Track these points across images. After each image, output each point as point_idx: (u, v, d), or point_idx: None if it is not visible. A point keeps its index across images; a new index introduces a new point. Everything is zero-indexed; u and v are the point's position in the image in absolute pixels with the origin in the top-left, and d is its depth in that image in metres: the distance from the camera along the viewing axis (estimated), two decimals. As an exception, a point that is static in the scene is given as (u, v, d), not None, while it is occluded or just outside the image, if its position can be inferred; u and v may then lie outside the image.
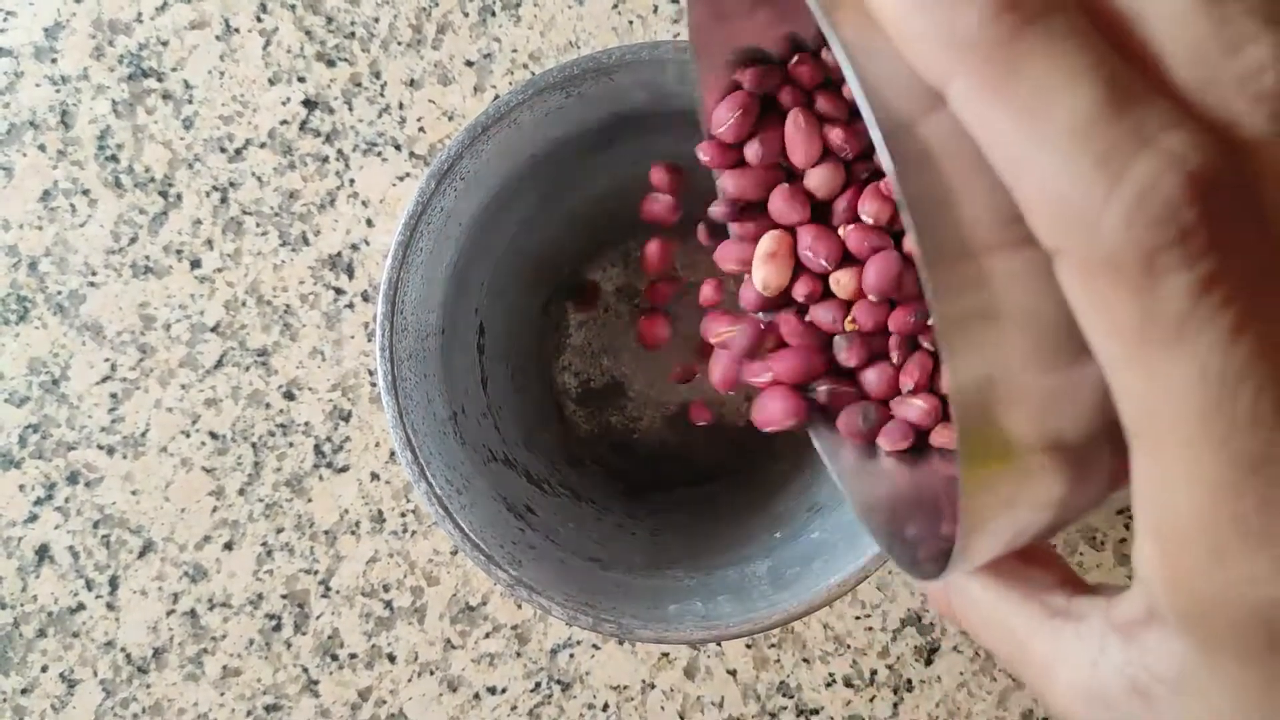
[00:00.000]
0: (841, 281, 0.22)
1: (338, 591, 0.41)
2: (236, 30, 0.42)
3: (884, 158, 0.12)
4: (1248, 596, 0.11)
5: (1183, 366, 0.11)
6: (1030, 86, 0.11)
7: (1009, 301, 0.12)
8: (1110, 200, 0.11)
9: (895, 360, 0.22)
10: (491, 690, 0.41)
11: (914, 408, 0.21)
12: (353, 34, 0.42)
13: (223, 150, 0.42)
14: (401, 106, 0.42)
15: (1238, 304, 0.11)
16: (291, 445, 0.42)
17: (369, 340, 0.42)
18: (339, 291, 0.42)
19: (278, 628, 0.41)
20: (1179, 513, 0.12)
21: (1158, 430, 0.11)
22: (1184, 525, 0.12)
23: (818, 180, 0.22)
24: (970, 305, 0.12)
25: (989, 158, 0.12)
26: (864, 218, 0.21)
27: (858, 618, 0.41)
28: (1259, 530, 0.11)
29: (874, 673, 0.41)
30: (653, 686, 0.41)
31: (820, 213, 0.23)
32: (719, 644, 0.41)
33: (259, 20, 0.42)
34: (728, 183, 0.23)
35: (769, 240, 0.23)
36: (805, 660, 0.41)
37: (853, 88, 0.13)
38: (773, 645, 0.41)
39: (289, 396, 0.42)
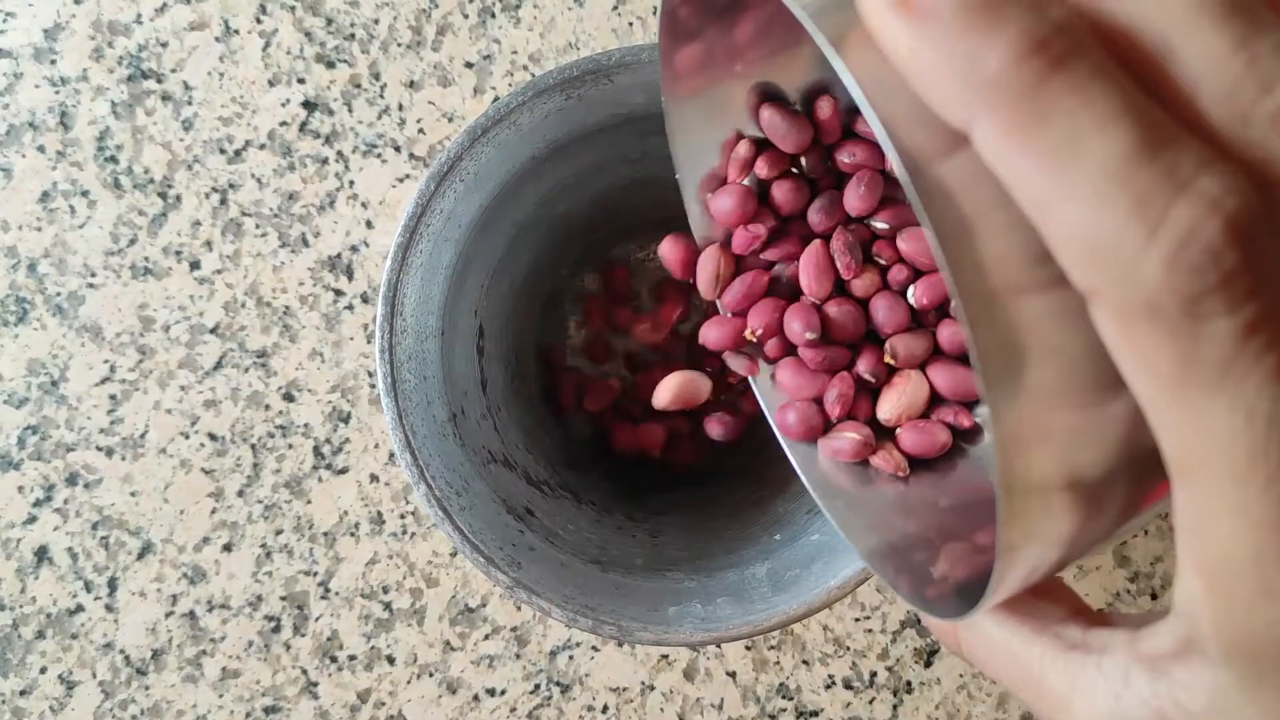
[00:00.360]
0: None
1: (337, 593, 0.41)
2: (236, 32, 0.42)
3: (912, 197, 0.12)
4: None
5: (1228, 409, 0.11)
6: (1060, 131, 0.11)
7: (1043, 341, 0.12)
8: (1150, 245, 0.11)
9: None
10: (491, 692, 0.41)
11: (845, 439, 0.22)
12: (352, 35, 0.42)
13: (222, 152, 0.42)
14: (401, 108, 0.42)
15: None
16: (291, 447, 0.42)
17: (368, 342, 0.42)
18: (338, 293, 0.42)
19: (277, 629, 0.41)
20: (1228, 550, 0.12)
21: (1205, 469, 0.11)
22: (1233, 562, 0.12)
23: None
24: (1007, 343, 0.12)
25: (1016, 200, 0.12)
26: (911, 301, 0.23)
27: (857, 620, 0.41)
28: None
29: (874, 675, 0.41)
30: (652, 688, 0.41)
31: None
32: (718, 646, 0.41)
33: (258, 22, 0.42)
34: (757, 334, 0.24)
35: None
36: (805, 662, 0.41)
37: (874, 129, 0.12)
38: (772, 647, 0.41)
39: (288, 398, 0.42)
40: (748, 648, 0.41)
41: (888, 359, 0.23)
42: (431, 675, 0.41)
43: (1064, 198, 0.11)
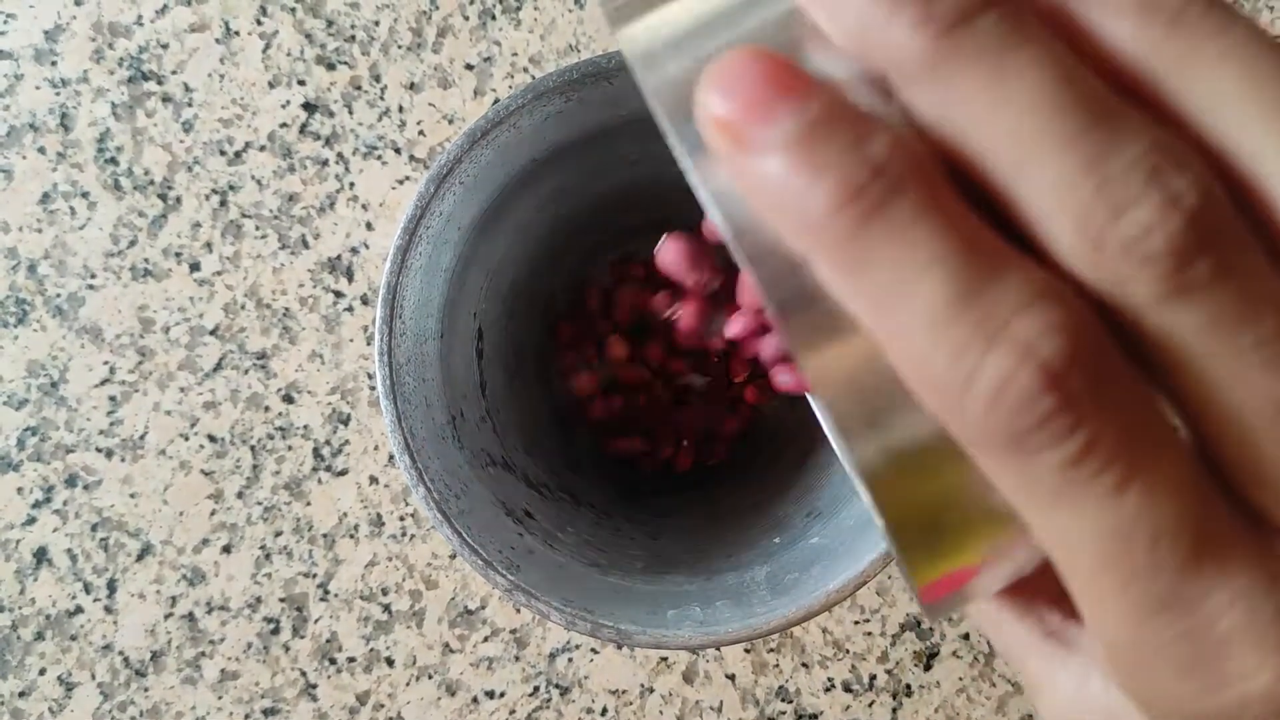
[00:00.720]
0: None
1: (336, 595, 0.41)
2: (236, 33, 0.42)
3: (766, 304, 0.12)
4: (1185, 711, 0.12)
5: (1072, 527, 0.11)
6: (881, 279, 0.11)
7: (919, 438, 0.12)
8: (968, 393, 0.11)
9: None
10: (490, 694, 0.41)
11: None
12: (353, 37, 0.42)
13: (222, 153, 0.42)
14: (401, 110, 0.42)
15: (1117, 465, 0.11)
16: (290, 448, 0.42)
17: (368, 343, 0.42)
18: (338, 295, 0.42)
19: (276, 631, 0.41)
20: (1110, 638, 0.12)
21: (1071, 570, 0.12)
22: (1117, 649, 0.12)
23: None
24: (875, 445, 0.12)
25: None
26: None
27: (857, 623, 0.41)
28: (1184, 658, 0.11)
29: (873, 678, 0.41)
30: (651, 691, 0.41)
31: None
32: (718, 649, 0.41)
33: (259, 23, 0.42)
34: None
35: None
36: (804, 665, 0.41)
37: (724, 236, 0.12)
38: (772, 650, 0.41)
39: (288, 400, 0.42)
40: (747, 650, 0.41)
41: None
42: (430, 677, 0.41)
43: (891, 341, 0.11)
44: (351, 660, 0.41)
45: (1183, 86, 0.12)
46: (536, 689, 0.41)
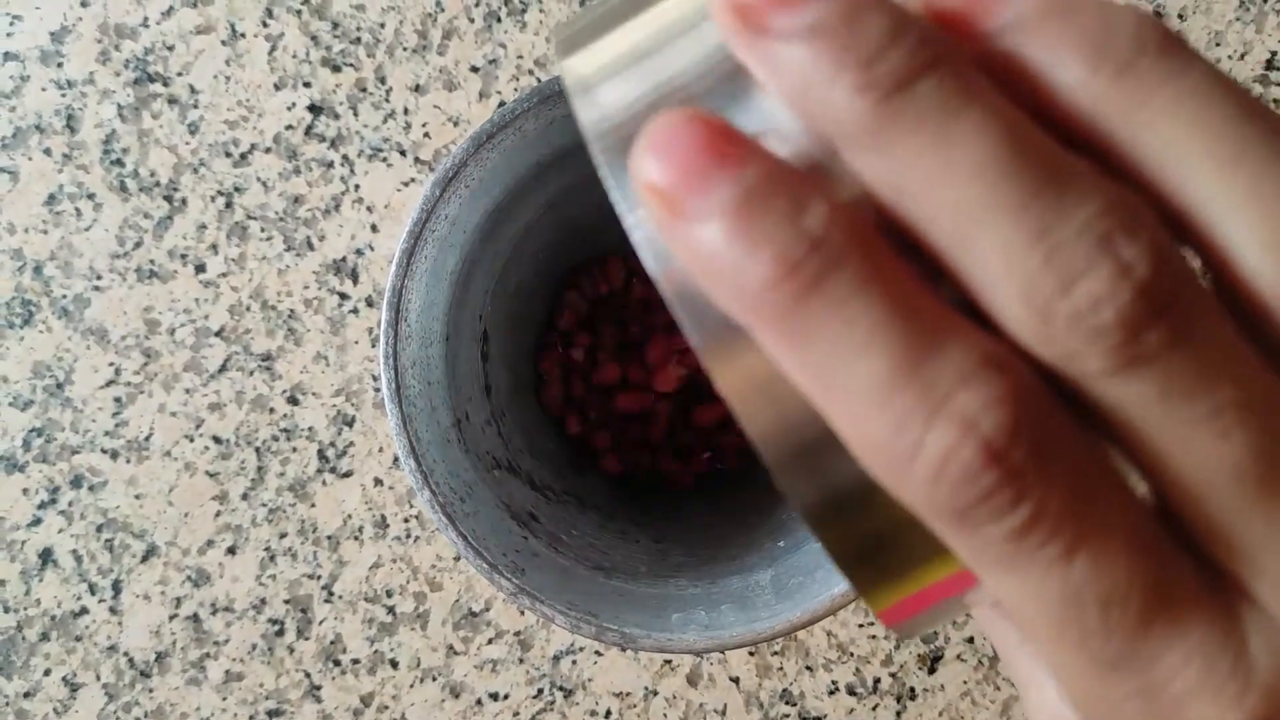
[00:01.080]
0: None
1: (340, 597, 0.41)
2: (242, 35, 0.42)
3: (693, 345, 0.12)
4: None
5: (1022, 590, 0.11)
6: (820, 354, 0.11)
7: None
8: (909, 470, 0.11)
9: None
10: (494, 696, 0.41)
11: None
12: (358, 39, 0.42)
13: (228, 155, 0.42)
14: (407, 112, 0.42)
15: (1063, 534, 0.11)
16: (295, 450, 0.42)
17: (373, 345, 0.42)
18: (343, 297, 0.42)
19: (280, 633, 0.41)
20: (1071, 689, 0.12)
21: (1025, 627, 0.12)
22: (1080, 699, 0.12)
23: None
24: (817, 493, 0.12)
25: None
26: None
27: (861, 625, 0.41)
28: (1142, 713, 0.12)
29: (877, 681, 0.41)
30: (655, 693, 0.41)
31: None
32: (722, 652, 0.41)
33: (265, 25, 0.42)
34: None
35: None
36: (808, 668, 0.41)
37: (653, 278, 0.12)
38: (776, 653, 0.41)
39: (293, 401, 0.42)
40: (751, 653, 0.41)
41: None
42: (435, 679, 0.41)
43: (832, 410, 0.11)
44: (356, 662, 0.41)
45: (1135, 136, 0.11)
46: (540, 691, 0.41)
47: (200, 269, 0.42)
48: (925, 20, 0.11)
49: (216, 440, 0.42)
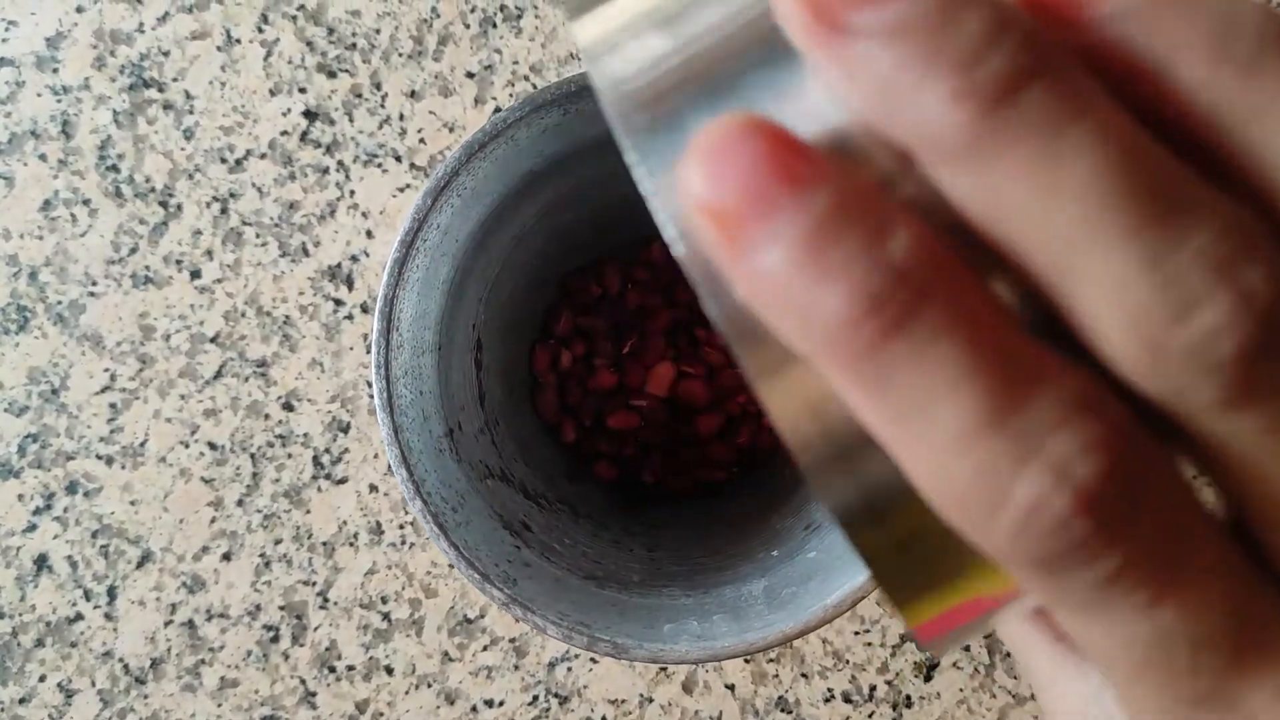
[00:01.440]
0: None
1: (335, 603, 0.41)
2: (238, 41, 0.42)
3: (721, 334, 0.11)
4: None
5: (1106, 632, 0.11)
6: (900, 399, 0.10)
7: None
8: (994, 520, 0.10)
9: None
10: (489, 703, 0.41)
11: None
12: (354, 45, 0.42)
13: (223, 161, 0.42)
14: (402, 118, 0.42)
15: (1151, 583, 0.10)
16: (290, 456, 0.42)
17: (368, 351, 0.42)
18: (338, 303, 0.42)
19: (275, 639, 0.41)
20: (1144, 718, 0.12)
21: (1104, 664, 0.11)
22: None
23: None
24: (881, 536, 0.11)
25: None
26: None
27: (857, 633, 0.41)
28: None
29: (873, 688, 0.41)
30: (650, 701, 0.41)
31: None
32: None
33: (260, 31, 0.42)
34: None
35: None
36: (804, 675, 0.41)
37: (680, 261, 0.11)
38: (771, 660, 0.41)
39: (288, 408, 0.42)
40: (747, 661, 0.41)
41: None
42: (430, 686, 0.41)
43: (907, 455, 0.10)
44: (351, 668, 0.41)
45: (1257, 140, 0.10)
46: (535, 698, 0.41)
47: (195, 275, 0.42)
48: (1024, 14, 0.10)
49: (212, 446, 0.42)
